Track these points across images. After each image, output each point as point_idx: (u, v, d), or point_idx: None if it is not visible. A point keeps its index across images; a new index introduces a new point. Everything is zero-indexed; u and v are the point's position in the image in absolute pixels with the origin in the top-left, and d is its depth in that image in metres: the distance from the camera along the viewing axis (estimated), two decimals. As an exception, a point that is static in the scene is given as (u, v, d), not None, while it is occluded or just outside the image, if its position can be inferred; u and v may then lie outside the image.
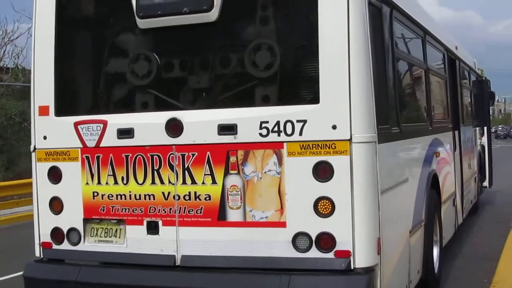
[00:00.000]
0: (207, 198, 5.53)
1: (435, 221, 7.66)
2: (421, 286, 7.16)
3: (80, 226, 5.98)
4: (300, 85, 5.63)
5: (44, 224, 6.14)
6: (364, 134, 5.23)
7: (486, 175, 14.96)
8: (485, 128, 14.80)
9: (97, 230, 5.96)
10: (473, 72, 13.75)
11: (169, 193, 5.64)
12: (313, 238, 5.31)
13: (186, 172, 5.57)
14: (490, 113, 16.51)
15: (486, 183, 15.00)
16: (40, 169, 6.11)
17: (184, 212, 5.61)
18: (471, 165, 12.23)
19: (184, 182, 5.58)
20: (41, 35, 6.10)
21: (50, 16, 6.06)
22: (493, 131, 57.44)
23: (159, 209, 5.68)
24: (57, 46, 6.03)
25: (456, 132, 10.08)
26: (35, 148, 6.13)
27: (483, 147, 14.87)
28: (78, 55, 6.42)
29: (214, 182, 5.50)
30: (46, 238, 6.13)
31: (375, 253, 5.32)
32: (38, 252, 6.21)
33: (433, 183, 7.57)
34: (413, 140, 6.97)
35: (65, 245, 6.05)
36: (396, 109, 6.24)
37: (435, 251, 7.73)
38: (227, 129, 5.45)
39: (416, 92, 7.66)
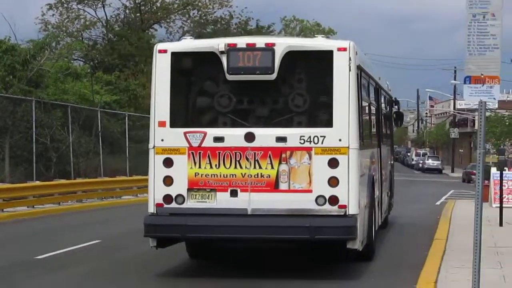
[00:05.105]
0: (268, 177, 10.10)
1: (373, 208, 12.22)
2: (364, 250, 11.02)
3: (185, 193, 10.33)
4: (322, 117, 10.36)
5: (158, 192, 10.42)
6: (355, 144, 10.04)
7: (393, 194, 17.24)
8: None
9: (195, 195, 10.30)
10: (387, 94, 16.68)
11: (245, 173, 10.14)
12: (327, 198, 10.02)
13: (256, 162, 10.10)
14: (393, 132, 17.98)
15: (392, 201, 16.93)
16: (157, 159, 10.36)
17: (254, 184, 10.12)
18: (386, 179, 15.70)
19: (254, 168, 10.10)
20: (160, 80, 10.44)
21: (166, 69, 10.43)
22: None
23: (238, 182, 10.15)
24: (171, 87, 10.36)
25: (378, 149, 14.01)
26: (154, 146, 10.33)
27: (393, 166, 17.68)
28: (184, 91, 10.80)
29: (272, 168, 10.09)
30: (159, 201, 10.40)
31: (357, 207, 10.14)
32: (152, 209, 10.46)
33: (372, 182, 12.29)
34: (367, 150, 11.77)
35: (173, 205, 10.36)
36: (361, 130, 10.95)
37: (373, 228, 12.21)
38: (281, 139, 10.08)
39: (366, 118, 12.38)
